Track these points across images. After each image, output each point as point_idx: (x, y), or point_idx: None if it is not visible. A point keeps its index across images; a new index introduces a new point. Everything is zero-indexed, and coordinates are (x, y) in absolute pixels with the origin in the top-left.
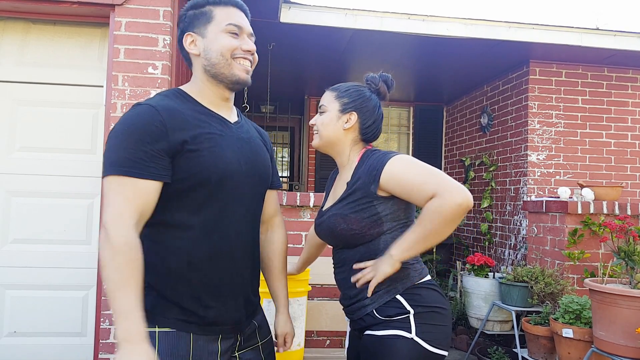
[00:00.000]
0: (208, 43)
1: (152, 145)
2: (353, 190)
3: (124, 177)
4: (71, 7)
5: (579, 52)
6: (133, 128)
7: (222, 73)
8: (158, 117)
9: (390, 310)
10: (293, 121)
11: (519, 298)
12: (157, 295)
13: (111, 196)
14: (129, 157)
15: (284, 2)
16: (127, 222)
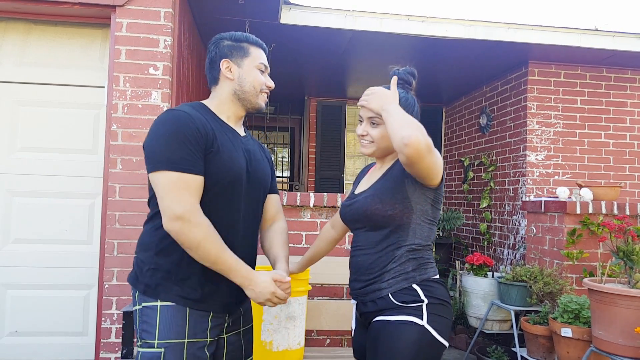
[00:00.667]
0: (243, 73)
1: (194, 146)
2: (390, 175)
3: (183, 173)
4: (72, 8)
5: (577, 52)
6: (178, 130)
7: (249, 100)
8: (194, 123)
9: (407, 297)
10: (293, 121)
11: (518, 297)
12: (162, 276)
13: (176, 189)
14: (182, 155)
15: (284, 3)
16: (199, 209)
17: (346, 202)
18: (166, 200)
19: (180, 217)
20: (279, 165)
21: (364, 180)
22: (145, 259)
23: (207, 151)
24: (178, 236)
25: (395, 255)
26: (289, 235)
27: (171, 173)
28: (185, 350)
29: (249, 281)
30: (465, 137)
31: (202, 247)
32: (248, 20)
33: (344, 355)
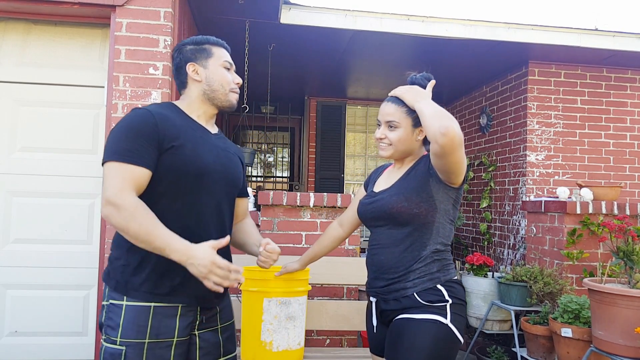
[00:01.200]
0: (209, 73)
1: (146, 140)
2: (414, 174)
3: (123, 163)
4: (72, 7)
5: (578, 52)
6: (131, 125)
7: (219, 98)
8: (152, 119)
9: (432, 297)
10: (293, 121)
11: (518, 298)
12: (131, 272)
13: (111, 177)
14: (127, 147)
15: (284, 3)
16: (130, 191)
17: (365, 200)
18: (103, 190)
19: (108, 201)
20: (279, 165)
21: (381, 180)
22: (118, 255)
23: (168, 145)
24: (109, 220)
25: (421, 256)
26: (289, 235)
27: (112, 164)
28: (146, 350)
29: (187, 254)
30: (466, 137)
31: (131, 226)
32: (248, 20)
33: (344, 355)
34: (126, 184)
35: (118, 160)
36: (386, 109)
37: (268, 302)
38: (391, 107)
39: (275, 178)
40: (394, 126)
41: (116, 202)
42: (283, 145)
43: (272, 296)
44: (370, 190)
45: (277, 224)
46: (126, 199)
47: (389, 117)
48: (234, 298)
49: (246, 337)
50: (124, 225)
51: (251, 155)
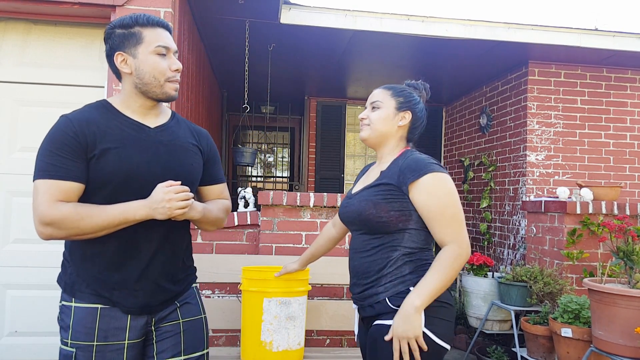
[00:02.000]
0: (139, 64)
1: (69, 152)
2: (386, 181)
3: (49, 180)
4: (72, 7)
5: (578, 52)
6: (53, 138)
7: (154, 91)
8: (72, 129)
9: (403, 301)
10: (293, 121)
11: (518, 298)
12: (78, 274)
13: (39, 195)
14: (52, 162)
15: (284, 3)
16: (59, 203)
17: (344, 201)
18: (33, 210)
19: (43, 221)
20: (279, 165)
21: (362, 179)
22: (66, 256)
23: (90, 154)
24: (52, 239)
25: (390, 258)
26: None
27: (39, 182)
28: (95, 353)
29: (146, 203)
30: (466, 137)
31: (83, 226)
32: (248, 20)
33: (344, 355)
34: (54, 198)
35: (44, 177)
36: (374, 93)
37: (268, 302)
38: (378, 91)
39: (275, 178)
40: (376, 106)
41: (50, 218)
42: (283, 145)
43: (272, 296)
44: (350, 190)
45: (277, 224)
46: (58, 210)
47: (373, 98)
48: (234, 298)
49: (246, 337)
50: (75, 232)
51: (253, 155)
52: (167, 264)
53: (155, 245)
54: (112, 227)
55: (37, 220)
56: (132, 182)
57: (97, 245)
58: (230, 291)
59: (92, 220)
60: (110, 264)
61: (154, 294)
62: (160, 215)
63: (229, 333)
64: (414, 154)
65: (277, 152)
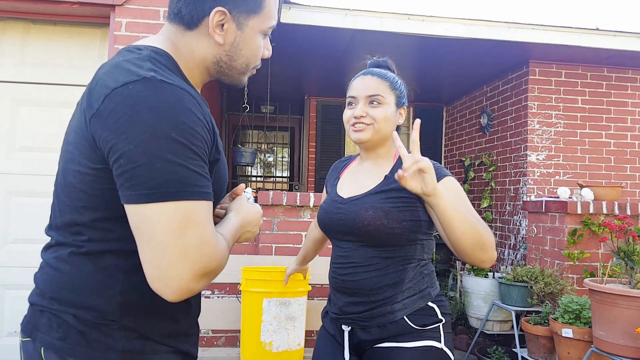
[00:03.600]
0: (242, 41)
1: (206, 152)
2: (398, 186)
3: (205, 202)
4: (71, 7)
5: (578, 52)
6: (189, 127)
7: (232, 76)
8: (205, 115)
9: (427, 319)
10: (293, 121)
11: (519, 298)
12: (138, 337)
13: (193, 228)
14: (198, 171)
15: (284, 2)
16: (214, 235)
17: (329, 206)
18: (185, 254)
19: (210, 269)
20: (279, 165)
21: (345, 180)
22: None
23: (213, 157)
24: (199, 291)
25: (407, 272)
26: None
27: (190, 204)
28: None
29: (241, 223)
30: (466, 136)
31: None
32: None
33: None
34: (213, 230)
35: (198, 196)
36: (367, 82)
37: (268, 302)
38: (373, 80)
39: (275, 178)
40: (378, 101)
41: (220, 260)
42: (283, 145)
43: (272, 296)
44: (332, 191)
45: (277, 224)
46: (222, 246)
47: (371, 90)
48: (234, 298)
49: (246, 337)
50: (220, 270)
51: (252, 154)
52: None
53: None
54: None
55: (198, 268)
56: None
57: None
58: (230, 291)
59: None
60: (181, 306)
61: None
62: (243, 241)
63: (229, 333)
64: None
65: (277, 152)
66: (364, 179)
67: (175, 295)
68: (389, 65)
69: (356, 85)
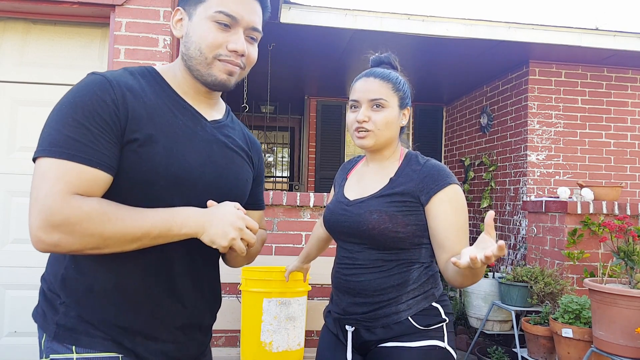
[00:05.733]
0: (191, 29)
1: (103, 125)
2: (401, 190)
3: (67, 161)
4: (71, 7)
5: (578, 52)
6: (80, 101)
7: (197, 70)
8: (110, 92)
9: (431, 319)
10: (293, 121)
11: (519, 298)
12: (73, 313)
13: (46, 182)
14: (74, 136)
15: (284, 2)
16: (77, 196)
17: (336, 206)
18: (34, 202)
19: (50, 223)
20: (279, 165)
21: (352, 181)
22: (57, 289)
23: (129, 138)
24: (60, 249)
25: (411, 274)
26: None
27: (48, 160)
28: None
29: (202, 215)
30: (466, 136)
31: (107, 229)
32: None
33: None
34: (71, 189)
35: (59, 155)
36: (369, 85)
37: (268, 302)
38: (376, 82)
39: (275, 178)
40: (381, 105)
41: (64, 216)
42: (283, 145)
43: (272, 296)
44: (339, 191)
45: (277, 224)
46: (77, 205)
47: (373, 94)
48: (234, 298)
49: (246, 337)
50: (95, 241)
51: None
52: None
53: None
54: (148, 240)
55: (42, 218)
56: (178, 188)
57: (113, 272)
58: (230, 291)
59: (124, 224)
60: (136, 300)
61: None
62: (214, 238)
63: (229, 333)
64: (425, 161)
65: (277, 152)
66: (370, 181)
67: (33, 242)
68: (392, 62)
69: (358, 88)
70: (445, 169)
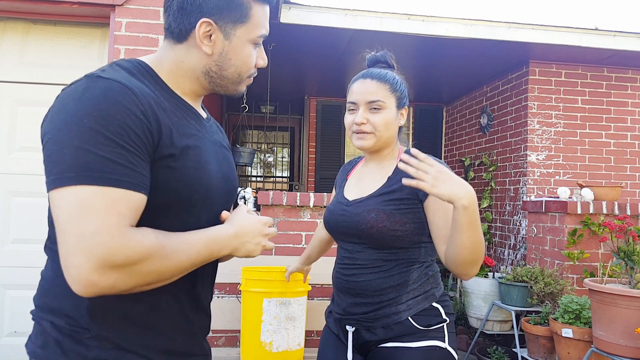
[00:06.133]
0: (230, 51)
1: (138, 144)
2: (399, 187)
3: (114, 188)
4: (71, 7)
5: (578, 52)
6: (107, 115)
7: (226, 87)
8: (138, 105)
9: (431, 319)
10: (293, 121)
11: (519, 298)
12: (114, 347)
13: (93, 215)
14: (113, 158)
15: (284, 2)
16: (127, 228)
17: (336, 207)
18: (80, 240)
19: (106, 263)
20: (279, 165)
21: (352, 181)
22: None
23: (162, 153)
24: (114, 292)
25: (411, 274)
26: (289, 236)
27: (90, 189)
28: None
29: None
30: (466, 136)
31: (169, 267)
32: None
33: None
34: (126, 221)
35: (100, 182)
36: (367, 87)
37: (268, 302)
38: (373, 84)
39: (275, 178)
40: (378, 107)
41: (127, 255)
42: (283, 145)
43: (272, 296)
44: (339, 192)
45: (277, 224)
46: (138, 240)
47: (371, 96)
48: (234, 298)
49: (246, 337)
50: (152, 278)
51: (251, 155)
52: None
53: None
54: (192, 268)
55: (98, 258)
56: (209, 200)
57: (147, 294)
58: (230, 291)
59: (178, 258)
60: (172, 320)
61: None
62: (250, 252)
63: (229, 333)
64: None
65: (277, 152)
66: (368, 181)
67: (80, 287)
68: (388, 60)
69: (356, 89)
70: (442, 164)
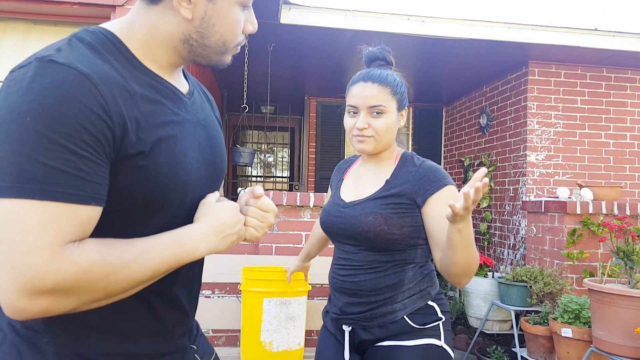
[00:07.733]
0: (214, 15)
1: (91, 145)
2: (397, 192)
3: (54, 202)
4: (72, 7)
5: (578, 52)
6: (54, 112)
7: (209, 57)
8: (96, 96)
9: (427, 318)
10: (293, 121)
11: (518, 298)
12: (72, 355)
13: (24, 234)
14: (57, 165)
15: (284, 3)
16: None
17: (332, 208)
18: (8, 261)
19: (46, 289)
20: (279, 165)
21: (348, 182)
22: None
23: (127, 152)
24: (54, 312)
25: (406, 274)
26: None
27: (23, 204)
28: None
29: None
30: (466, 137)
31: (113, 283)
32: None
33: None
34: (63, 239)
35: (37, 195)
36: (368, 91)
37: (268, 302)
38: (374, 88)
39: (275, 178)
40: (380, 112)
41: (57, 280)
42: (283, 145)
43: (272, 296)
44: (335, 193)
45: (277, 224)
46: (74, 262)
47: (373, 100)
48: (234, 298)
49: (246, 337)
50: (96, 297)
51: (251, 155)
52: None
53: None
54: (157, 278)
55: (23, 282)
56: (185, 195)
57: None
58: (230, 291)
59: (129, 271)
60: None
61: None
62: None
63: (229, 333)
64: (421, 162)
65: (277, 152)
66: (366, 183)
67: (9, 312)
68: (386, 57)
69: (356, 93)
70: (440, 170)
